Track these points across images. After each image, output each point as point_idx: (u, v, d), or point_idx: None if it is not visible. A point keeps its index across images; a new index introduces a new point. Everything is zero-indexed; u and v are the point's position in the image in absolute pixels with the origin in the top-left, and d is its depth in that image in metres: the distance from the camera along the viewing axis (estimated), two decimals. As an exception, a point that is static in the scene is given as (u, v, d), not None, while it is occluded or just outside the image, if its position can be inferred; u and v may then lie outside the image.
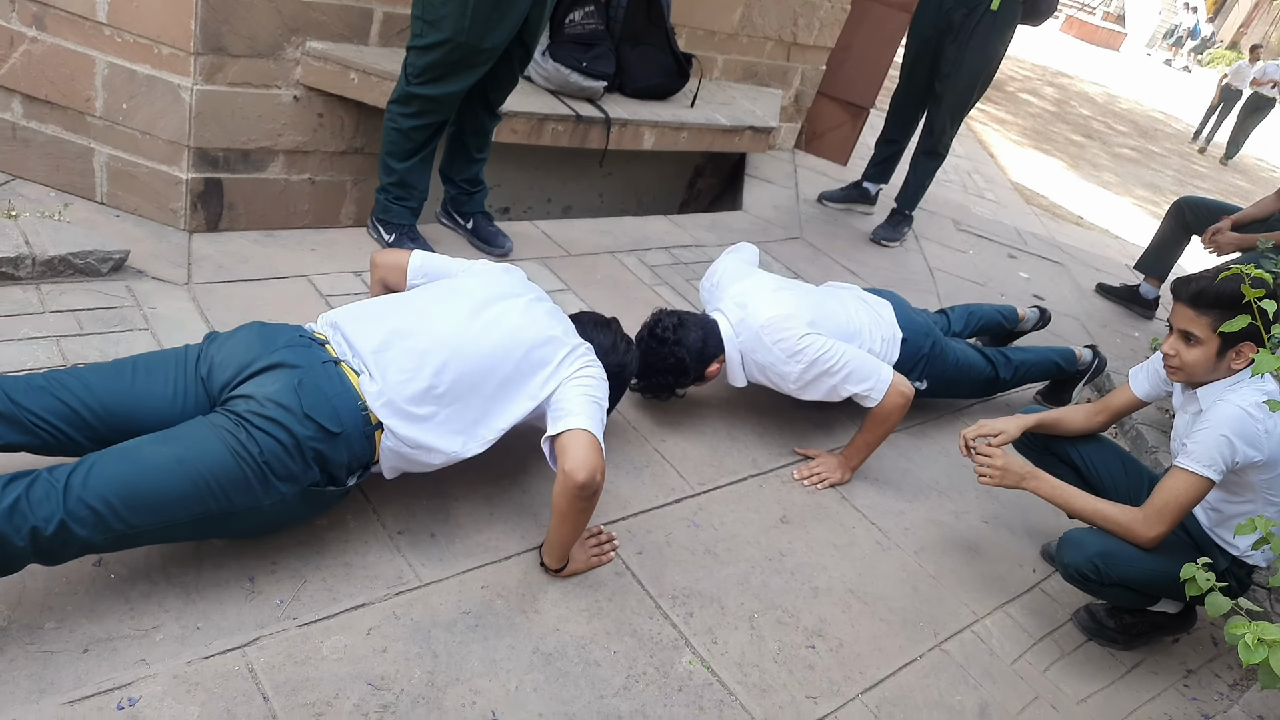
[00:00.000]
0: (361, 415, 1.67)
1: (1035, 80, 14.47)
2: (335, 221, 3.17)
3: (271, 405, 1.57)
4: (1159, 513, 2.01)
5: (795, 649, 1.97)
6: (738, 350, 2.49)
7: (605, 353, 2.06)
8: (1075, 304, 4.57)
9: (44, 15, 2.55)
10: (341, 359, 1.72)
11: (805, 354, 2.40)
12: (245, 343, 1.68)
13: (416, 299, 1.92)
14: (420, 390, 1.73)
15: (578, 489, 1.72)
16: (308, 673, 1.57)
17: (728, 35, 4.38)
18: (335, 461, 1.64)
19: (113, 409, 1.58)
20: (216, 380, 1.64)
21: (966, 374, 2.93)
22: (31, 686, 1.42)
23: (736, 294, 2.56)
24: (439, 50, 2.51)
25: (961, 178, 6.76)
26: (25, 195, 2.66)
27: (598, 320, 2.16)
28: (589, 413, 1.80)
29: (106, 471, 1.44)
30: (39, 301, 2.19)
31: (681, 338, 2.38)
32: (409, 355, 1.74)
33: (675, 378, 2.42)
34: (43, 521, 1.37)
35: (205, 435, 1.53)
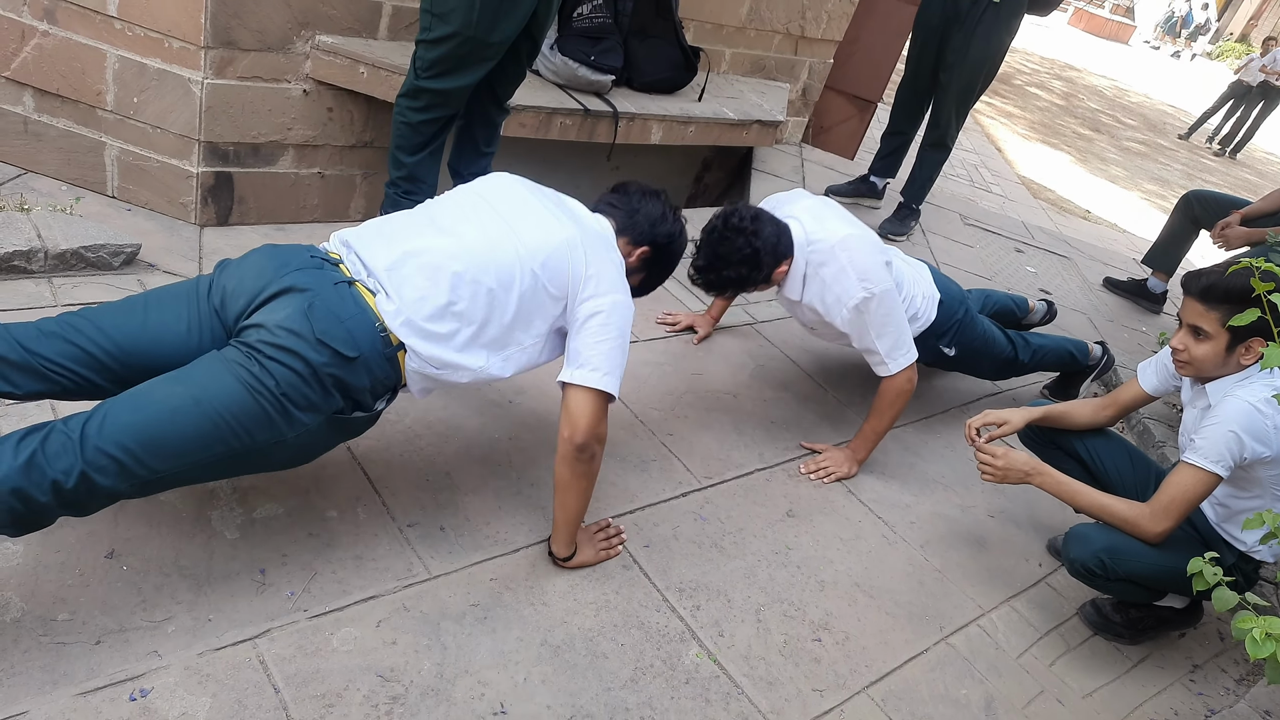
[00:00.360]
0: (380, 337, 1.60)
1: (1043, 73, 14.40)
2: (345, 215, 3.18)
3: (283, 333, 1.50)
4: (1166, 508, 2.01)
5: (801, 642, 1.98)
6: (805, 259, 2.38)
7: (654, 223, 1.95)
8: (1082, 298, 4.56)
9: (55, 9, 2.56)
10: (356, 279, 1.64)
11: (876, 284, 2.33)
12: (256, 268, 1.60)
13: (430, 211, 1.83)
14: (439, 307, 1.65)
15: (575, 451, 1.71)
16: (318, 664, 1.59)
17: (735, 29, 4.37)
18: (357, 386, 1.58)
19: (127, 348, 1.52)
20: (230, 310, 1.58)
21: (990, 348, 2.92)
22: (44, 678, 1.43)
23: (812, 207, 2.46)
24: (448, 44, 2.51)
25: (969, 171, 6.74)
26: (37, 189, 2.68)
27: (645, 190, 2.01)
28: (604, 360, 1.73)
29: (122, 418, 1.40)
30: (51, 295, 2.21)
31: (758, 229, 2.27)
32: (425, 271, 1.65)
33: (748, 270, 2.28)
34: (62, 475, 1.33)
35: (219, 372, 1.47)
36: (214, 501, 1.82)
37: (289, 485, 1.91)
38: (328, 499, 1.92)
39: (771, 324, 3.26)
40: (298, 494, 1.90)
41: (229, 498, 1.84)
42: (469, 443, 2.22)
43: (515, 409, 2.39)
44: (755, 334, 3.16)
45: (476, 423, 2.30)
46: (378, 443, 2.10)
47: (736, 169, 4.80)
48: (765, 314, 3.31)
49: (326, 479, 1.96)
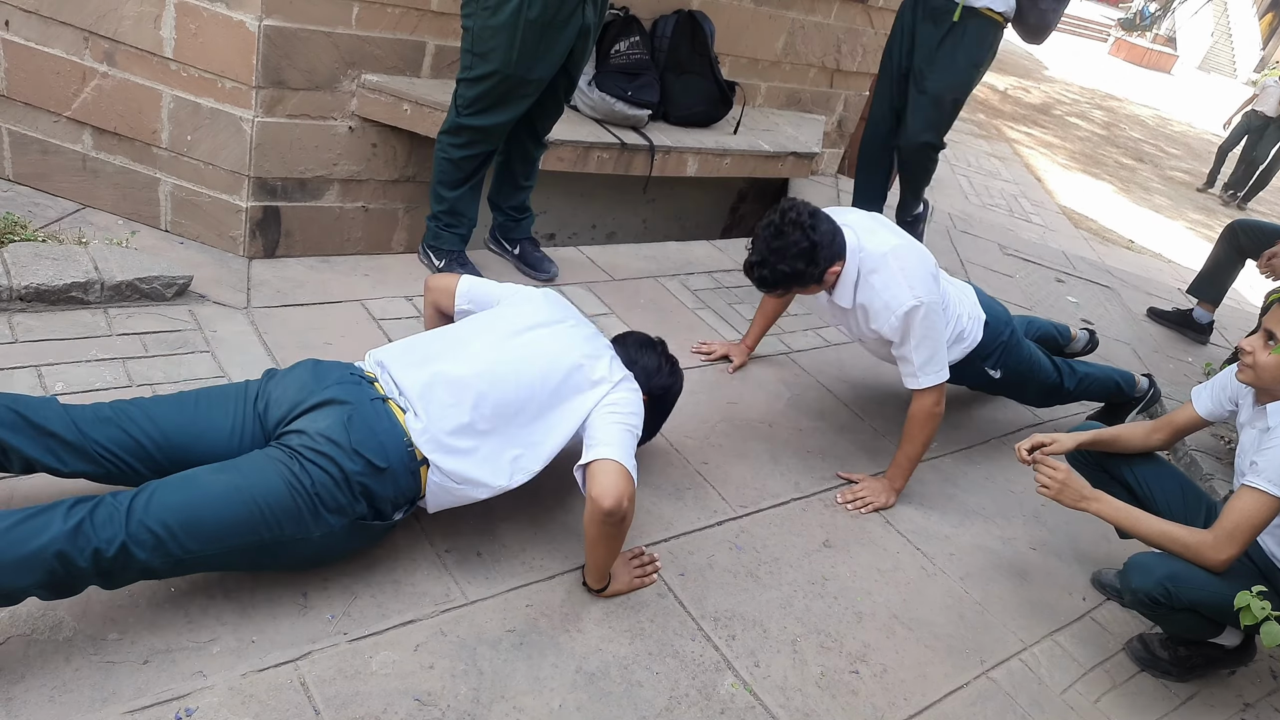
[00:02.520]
0: (407, 451, 1.72)
1: (1084, 103, 14.30)
2: (387, 248, 3.26)
3: (323, 440, 1.63)
4: (1230, 535, 1.96)
5: (839, 674, 1.96)
6: (856, 265, 2.38)
7: (650, 375, 2.07)
8: (1126, 329, 4.50)
9: (114, 52, 2.68)
10: (389, 396, 1.77)
11: (925, 294, 2.32)
12: (300, 379, 1.75)
13: (457, 333, 1.97)
14: (461, 424, 1.77)
15: (604, 515, 1.74)
16: (357, 687, 1.61)
17: (771, 63, 4.43)
18: (381, 496, 1.70)
19: (174, 440, 1.65)
20: (272, 416, 1.71)
21: (1036, 373, 2.89)
22: (94, 695, 1.47)
23: (863, 219, 2.47)
24: (488, 82, 2.58)
25: (1008, 201, 6.70)
26: (94, 223, 2.79)
27: (643, 341, 2.16)
28: (620, 440, 1.81)
29: (168, 498, 1.51)
30: (106, 325, 2.29)
31: (816, 225, 2.27)
32: (450, 390, 1.78)
33: (805, 265, 2.27)
34: (105, 543, 1.43)
35: (263, 466, 1.60)
36: (258, 525, 1.86)
37: (331, 510, 1.94)
38: (368, 524, 1.95)
39: (807, 353, 3.26)
40: (339, 519, 1.93)
41: (273, 522, 1.88)
42: (506, 470, 2.24)
43: (552, 437, 2.41)
44: (790, 363, 3.16)
45: (514, 450, 2.32)
46: (417, 469, 2.13)
47: (772, 200, 4.82)
48: (801, 344, 3.31)
49: (367, 504, 1.99)
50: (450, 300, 2.13)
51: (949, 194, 6.25)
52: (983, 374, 2.79)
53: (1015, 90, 13.06)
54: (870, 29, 4.75)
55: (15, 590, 1.40)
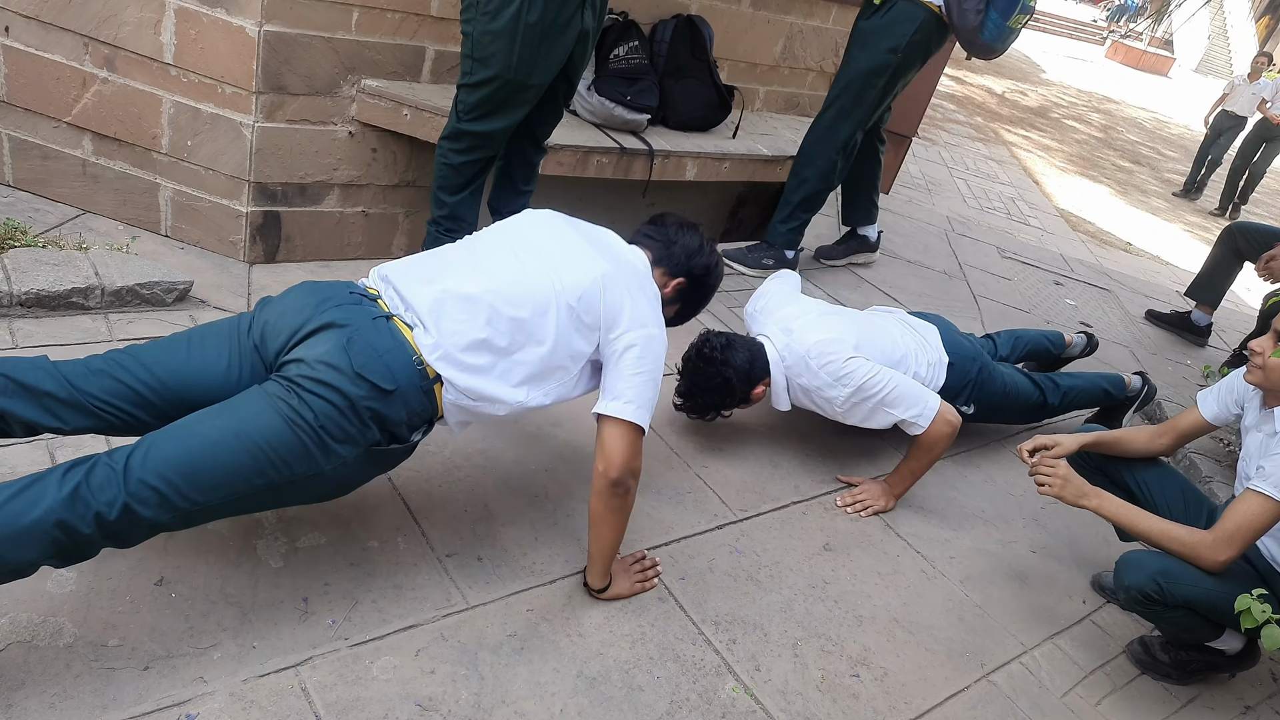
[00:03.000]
0: (417, 370, 1.63)
1: (1081, 106, 14.33)
2: (387, 253, 3.26)
3: (321, 367, 1.53)
4: (1230, 537, 1.96)
5: (839, 678, 1.96)
6: (783, 374, 2.51)
7: (690, 255, 1.99)
8: (1124, 331, 4.51)
9: (114, 57, 2.68)
10: (394, 313, 1.68)
11: (851, 378, 2.41)
12: (296, 305, 1.64)
13: (468, 247, 1.86)
14: (476, 340, 1.68)
15: (610, 486, 1.73)
16: (358, 692, 1.61)
17: (769, 67, 4.44)
18: (394, 419, 1.61)
19: (170, 384, 1.57)
20: (270, 347, 1.62)
21: (1014, 400, 2.91)
22: (95, 701, 1.47)
23: (782, 319, 2.58)
24: (488, 87, 2.58)
25: (1005, 204, 6.71)
26: (95, 229, 2.79)
27: (682, 222, 2.04)
28: (639, 395, 1.75)
29: (164, 450, 1.44)
30: (107, 330, 2.29)
31: (729, 358, 2.40)
32: (461, 305, 1.69)
33: (721, 398, 2.44)
34: (105, 506, 1.37)
35: (259, 406, 1.51)
36: (259, 531, 1.86)
37: (331, 515, 1.95)
38: (369, 529, 1.95)
39: (807, 357, 3.26)
40: (340, 524, 1.94)
41: (273, 527, 1.88)
42: (506, 474, 2.25)
43: (552, 441, 2.42)
44: (790, 367, 3.16)
45: (513, 454, 2.32)
46: (417, 474, 2.14)
47: (772, 204, 4.83)
48: (800, 347, 3.31)
49: (367, 509, 2.00)
50: None
51: (947, 197, 6.26)
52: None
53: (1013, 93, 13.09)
54: (868, 33, 4.76)
55: (23, 564, 1.36)
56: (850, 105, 3.50)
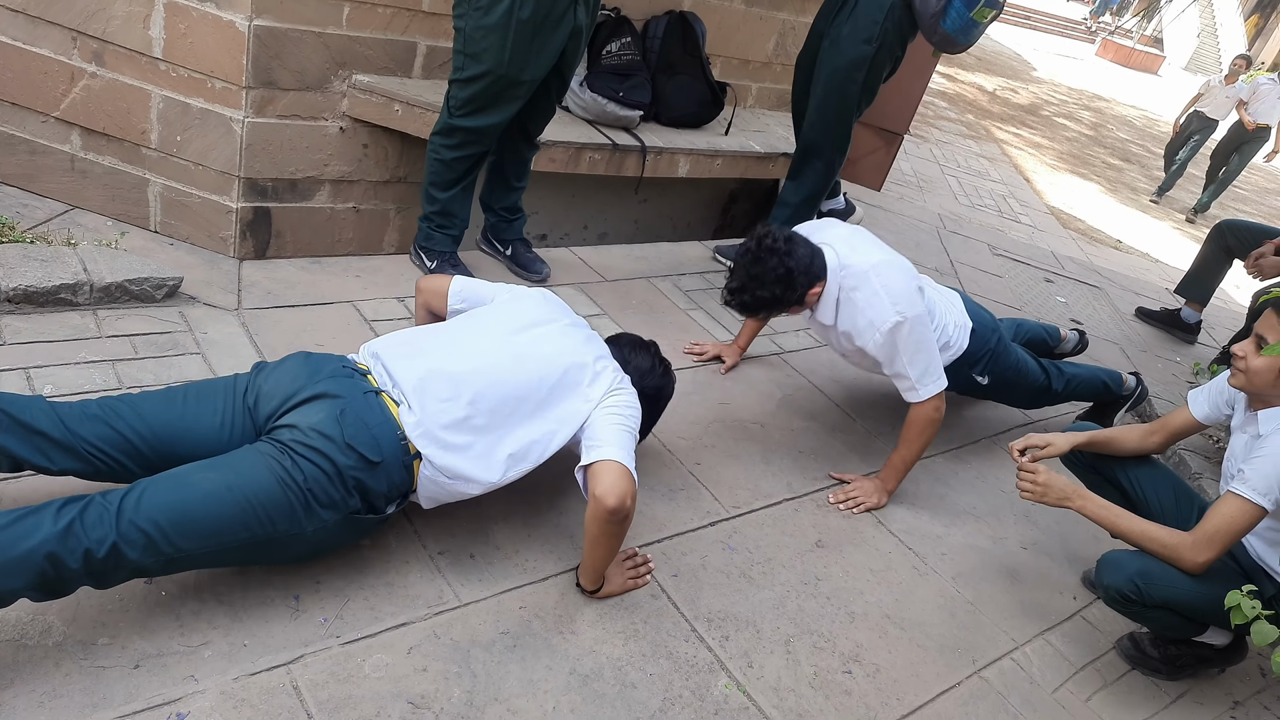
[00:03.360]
0: (401, 445, 1.70)
1: (1071, 104, 14.38)
2: (379, 249, 3.25)
3: (315, 435, 1.62)
4: (1209, 538, 1.97)
5: (832, 674, 1.97)
6: (838, 283, 2.40)
7: (643, 375, 2.07)
8: (1114, 328, 4.53)
9: (103, 51, 2.66)
10: (382, 389, 1.76)
11: (909, 309, 2.34)
12: (291, 373, 1.73)
13: (454, 329, 1.96)
14: (457, 419, 1.75)
15: (608, 514, 1.74)
16: (350, 690, 1.60)
17: (762, 64, 4.43)
18: (375, 490, 1.68)
19: (163, 436, 1.63)
20: (263, 410, 1.69)
21: (1024, 377, 2.91)
22: (85, 701, 1.46)
23: (845, 235, 2.48)
24: (480, 83, 2.58)
25: (996, 202, 6.73)
26: (84, 224, 2.77)
27: (636, 342, 2.17)
28: (620, 441, 1.82)
29: (158, 497, 1.49)
30: (96, 327, 2.28)
31: (792, 250, 2.29)
32: (446, 385, 1.77)
33: (782, 290, 2.30)
34: (95, 544, 1.42)
35: (253, 462, 1.58)
36: (250, 528, 1.85)
37: (323, 513, 1.94)
38: (360, 527, 1.94)
39: (799, 354, 3.26)
40: (331, 521, 1.93)
41: (264, 525, 1.87)
42: (499, 472, 2.24)
43: (544, 438, 2.41)
44: (783, 364, 3.16)
45: (506, 452, 2.32)
46: (409, 471, 2.13)
47: (764, 201, 4.84)
48: (793, 344, 3.32)
49: (359, 507, 1.99)
50: (443, 301, 2.12)
51: (939, 194, 6.28)
52: (970, 381, 2.80)
53: (1004, 91, 13.13)
54: (861, 30, 4.76)
55: (5, 593, 1.39)
56: (836, 103, 3.43)
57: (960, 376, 2.73)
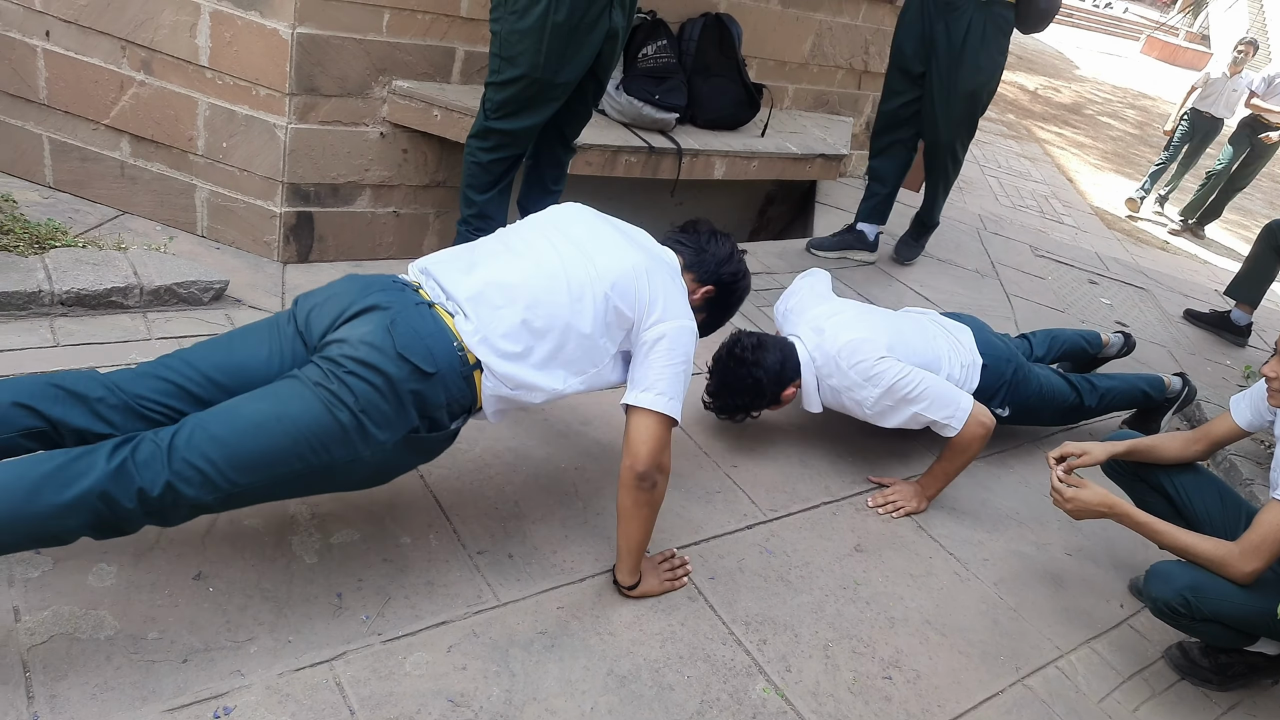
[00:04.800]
0: (458, 355, 1.65)
1: (1115, 103, 14.11)
2: (418, 252, 3.28)
3: (364, 347, 1.55)
4: (1256, 548, 1.92)
5: (871, 679, 1.95)
6: (814, 374, 2.48)
7: (720, 263, 2.00)
8: (1162, 331, 4.43)
9: (151, 60, 2.73)
10: (435, 302, 1.71)
11: (882, 378, 2.39)
12: (340, 290, 1.69)
13: (505, 239, 1.89)
14: (514, 326, 1.70)
15: (637, 480, 1.73)
16: (391, 688, 1.62)
17: (798, 65, 4.41)
18: (433, 403, 1.62)
19: (214, 378, 1.60)
20: (315, 329, 1.65)
21: (1050, 401, 2.86)
22: (135, 694, 1.49)
23: (813, 318, 2.55)
24: (516, 86, 2.59)
25: (1039, 202, 6.63)
26: (133, 229, 2.84)
27: (714, 230, 2.07)
28: (668, 386, 1.76)
29: (208, 431, 1.47)
30: (145, 328, 2.33)
31: (760, 359, 2.38)
32: (501, 293, 1.72)
33: (751, 399, 2.42)
34: (149, 483, 1.40)
35: (300, 390, 1.53)
36: (294, 527, 1.88)
37: (365, 511, 1.96)
38: (401, 525, 1.96)
39: (837, 357, 3.23)
40: (373, 520, 1.95)
41: (308, 523, 1.90)
42: (536, 471, 2.26)
43: (581, 439, 2.42)
44: (820, 367, 3.14)
45: (544, 452, 2.33)
46: (449, 471, 2.15)
47: (800, 202, 4.81)
48: (830, 347, 3.29)
49: (400, 506, 2.01)
50: None
51: (979, 195, 6.20)
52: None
53: (1045, 90, 12.92)
54: (899, 30, 4.72)
55: (63, 532, 1.39)
56: (975, 112, 3.80)
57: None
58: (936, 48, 3.58)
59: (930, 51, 3.61)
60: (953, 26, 3.52)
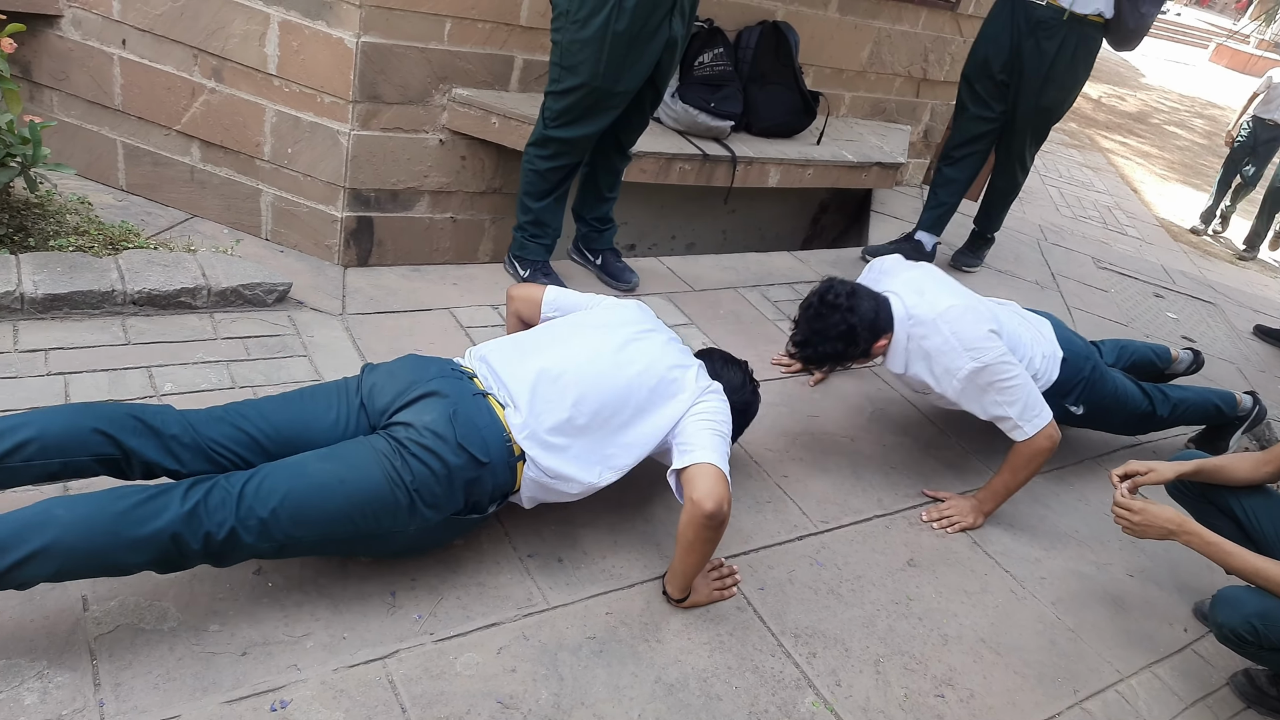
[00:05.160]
0: (506, 446, 1.75)
1: (1183, 111, 13.72)
2: (474, 257, 3.33)
3: (429, 435, 1.66)
4: None
5: (923, 697, 1.91)
6: (907, 333, 2.36)
7: (733, 390, 2.08)
8: (1230, 347, 4.29)
9: (222, 68, 2.81)
10: (489, 392, 1.81)
11: (985, 354, 2.28)
12: (402, 370, 1.80)
13: (557, 331, 2.01)
14: (560, 421, 1.80)
15: (705, 518, 1.74)
16: (442, 687, 1.64)
17: (856, 73, 4.38)
18: (480, 489, 1.73)
19: (284, 432, 1.70)
20: (376, 404, 1.76)
21: (1124, 405, 2.78)
22: (195, 685, 1.53)
23: (912, 279, 2.44)
24: (575, 94, 2.62)
25: (1101, 213, 6.47)
26: (202, 232, 2.92)
27: (727, 358, 2.19)
28: (715, 446, 1.83)
29: (277, 484, 1.56)
30: (212, 329, 2.40)
31: (854, 305, 2.27)
32: (552, 387, 1.82)
33: (844, 346, 2.28)
34: (216, 527, 1.49)
35: (366, 459, 1.64)
36: (350, 526, 1.91)
37: (418, 513, 1.99)
38: (453, 528, 1.99)
39: (891, 368, 3.19)
40: (426, 522, 1.98)
41: (363, 523, 1.93)
42: (587, 478, 2.26)
43: (632, 446, 2.42)
44: (874, 376, 3.10)
45: (595, 459, 2.34)
46: (501, 475, 2.17)
47: (855, 211, 4.77)
48: (884, 358, 3.25)
49: (453, 508, 2.03)
50: (535, 310, 2.16)
51: (1039, 205, 6.07)
52: (1064, 411, 2.67)
53: (1109, 98, 12.62)
54: (959, 37, 4.66)
55: (130, 565, 1.47)
56: (1048, 128, 3.85)
57: (1053, 407, 2.63)
58: (1024, 63, 3.58)
59: (1017, 65, 3.60)
60: (1044, 44, 3.51)
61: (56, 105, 3.03)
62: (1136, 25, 3.51)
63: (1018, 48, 3.56)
